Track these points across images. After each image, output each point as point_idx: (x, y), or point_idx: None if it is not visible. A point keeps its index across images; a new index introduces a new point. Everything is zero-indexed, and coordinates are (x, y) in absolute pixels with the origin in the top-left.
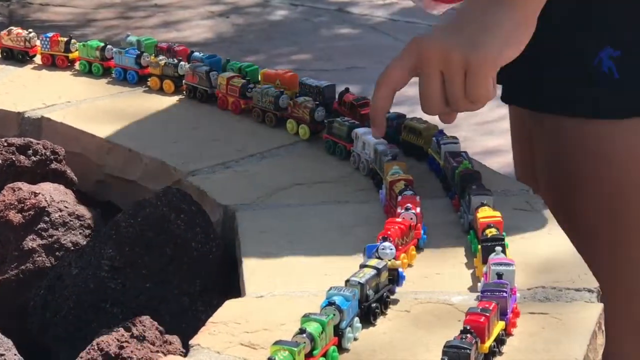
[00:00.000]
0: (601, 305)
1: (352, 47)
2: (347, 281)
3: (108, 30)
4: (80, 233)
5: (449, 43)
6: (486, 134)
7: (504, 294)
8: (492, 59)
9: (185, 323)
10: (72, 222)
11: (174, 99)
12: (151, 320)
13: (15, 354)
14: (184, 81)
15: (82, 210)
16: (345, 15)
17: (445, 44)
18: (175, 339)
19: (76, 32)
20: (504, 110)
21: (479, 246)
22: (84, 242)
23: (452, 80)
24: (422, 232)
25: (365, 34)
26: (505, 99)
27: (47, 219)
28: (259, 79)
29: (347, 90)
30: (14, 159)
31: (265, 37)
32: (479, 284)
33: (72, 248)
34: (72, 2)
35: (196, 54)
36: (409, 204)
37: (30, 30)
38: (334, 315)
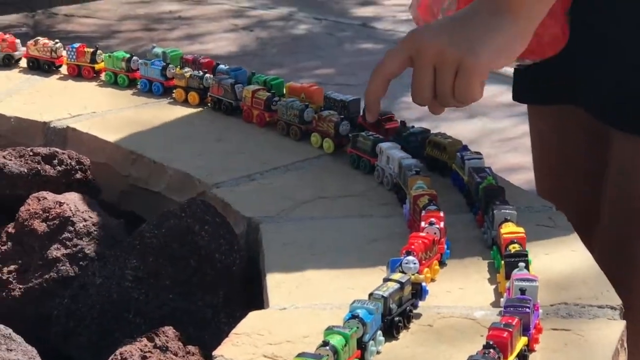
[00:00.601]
0: (623, 322)
1: (375, 62)
2: (370, 294)
3: (132, 42)
4: (104, 243)
5: (446, 41)
6: (509, 150)
7: (527, 309)
8: (484, 65)
9: (208, 334)
10: (96, 232)
11: (199, 111)
12: (174, 330)
13: None
14: (209, 93)
15: (107, 220)
16: (369, 30)
17: (443, 41)
18: (197, 350)
19: (100, 43)
20: (527, 127)
21: (502, 262)
22: (108, 252)
23: (444, 77)
24: (445, 246)
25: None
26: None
27: (71, 228)
28: (284, 92)
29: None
30: (39, 168)
31: (289, 51)
32: (502, 300)
33: (96, 258)
34: (97, 13)
35: (221, 66)
36: (432, 219)
37: (57, 40)
38: (357, 328)
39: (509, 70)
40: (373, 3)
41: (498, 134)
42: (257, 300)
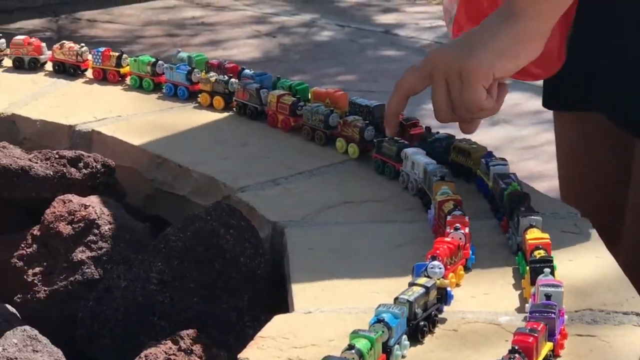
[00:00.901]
0: None
1: (398, 69)
2: (396, 299)
3: (155, 47)
4: (129, 246)
5: (451, 53)
6: (531, 158)
7: (552, 315)
8: (483, 68)
9: (232, 337)
10: (121, 235)
11: (224, 116)
12: (199, 333)
13: None
14: (234, 98)
15: (132, 223)
16: (391, 37)
17: (448, 54)
18: (222, 353)
19: (123, 49)
20: (550, 135)
21: (528, 267)
22: (133, 256)
23: (452, 87)
24: (470, 252)
25: (412, 57)
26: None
27: (96, 231)
28: (309, 97)
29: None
30: (65, 171)
31: (311, 57)
32: (527, 305)
33: (121, 261)
34: (120, 19)
35: (246, 71)
36: (457, 224)
37: (82, 44)
38: (383, 332)
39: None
40: (396, 10)
41: (520, 142)
42: (281, 304)
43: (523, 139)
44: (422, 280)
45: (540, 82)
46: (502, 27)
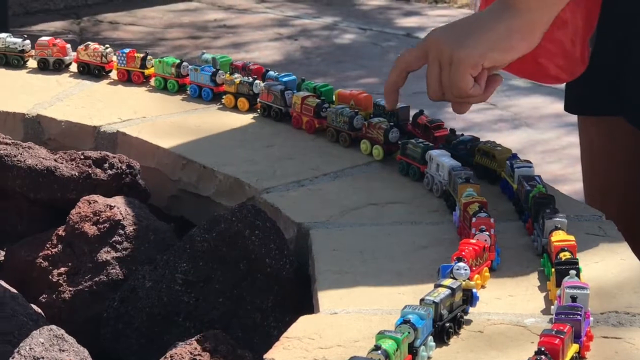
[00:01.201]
0: None
1: (419, 72)
2: (421, 300)
3: (177, 49)
4: (154, 247)
5: (445, 37)
6: (553, 161)
7: (578, 317)
8: (473, 58)
9: (257, 338)
10: (146, 236)
11: (248, 117)
12: (223, 334)
13: None
14: (258, 99)
15: (157, 224)
16: (413, 40)
17: (442, 37)
18: (247, 353)
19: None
20: (572, 138)
21: (553, 269)
22: (158, 256)
23: (443, 71)
24: (495, 254)
25: None
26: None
27: (121, 232)
28: (334, 99)
29: (421, 112)
30: (90, 171)
31: (333, 60)
32: (553, 307)
33: (146, 261)
34: (142, 21)
35: (271, 72)
36: (483, 226)
37: (107, 45)
38: (409, 333)
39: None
40: (417, 13)
41: (542, 145)
42: (306, 305)
43: (545, 142)
44: (448, 281)
45: (562, 85)
46: (500, 18)
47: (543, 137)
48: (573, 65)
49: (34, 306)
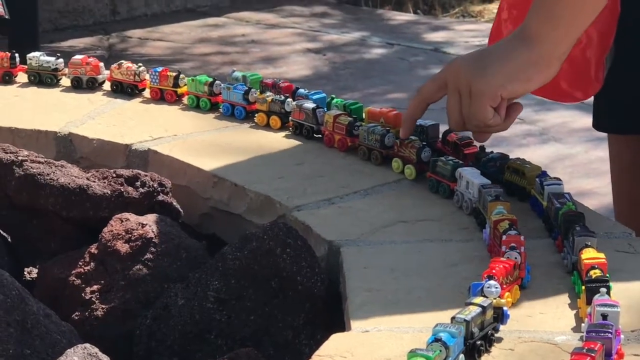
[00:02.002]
0: None
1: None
2: (453, 318)
3: (206, 65)
4: (186, 264)
5: (464, 68)
6: (581, 176)
7: (609, 334)
8: (492, 89)
9: (289, 356)
10: (178, 254)
11: (280, 135)
12: (255, 351)
13: None
14: (290, 118)
15: (188, 242)
16: (441, 55)
17: (462, 68)
18: None
19: (174, 66)
20: (600, 152)
21: (583, 287)
22: (190, 274)
23: (463, 101)
24: (526, 271)
25: None
26: None
27: (153, 249)
28: (364, 116)
29: (451, 129)
30: (122, 190)
31: (361, 75)
32: (583, 325)
33: (178, 279)
34: (170, 36)
35: (301, 90)
36: (513, 244)
37: (140, 64)
38: (440, 351)
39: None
40: (445, 28)
41: (571, 159)
42: (337, 322)
43: (573, 157)
44: (479, 299)
45: (590, 100)
46: (517, 49)
47: (571, 151)
48: (587, 84)
49: (67, 324)
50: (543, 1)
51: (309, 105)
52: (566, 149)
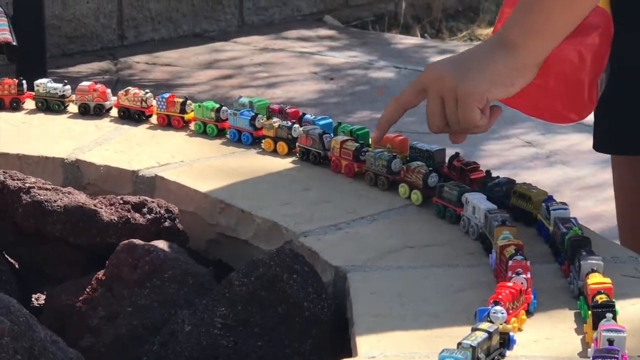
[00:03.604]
0: None
1: None
2: (459, 344)
3: (214, 89)
4: (193, 291)
5: (447, 71)
6: (589, 199)
7: (616, 359)
8: (478, 92)
9: None
10: (185, 280)
11: (287, 161)
12: None
13: None
14: (297, 143)
15: (195, 268)
16: None
17: (444, 71)
18: None
19: (182, 91)
20: (606, 175)
21: (590, 312)
22: (197, 300)
23: (447, 104)
24: (532, 296)
25: None
26: None
27: (160, 275)
28: (370, 142)
29: (457, 154)
30: (129, 216)
31: (368, 99)
32: (589, 350)
33: (185, 305)
34: (178, 61)
35: (307, 116)
36: (519, 269)
37: (147, 90)
38: None
39: (589, 119)
40: (452, 51)
41: (577, 182)
42: (344, 348)
43: (580, 180)
44: (485, 325)
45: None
46: (498, 54)
47: (578, 174)
48: (581, 106)
49: (74, 351)
50: (524, 10)
51: (316, 131)
52: (573, 172)
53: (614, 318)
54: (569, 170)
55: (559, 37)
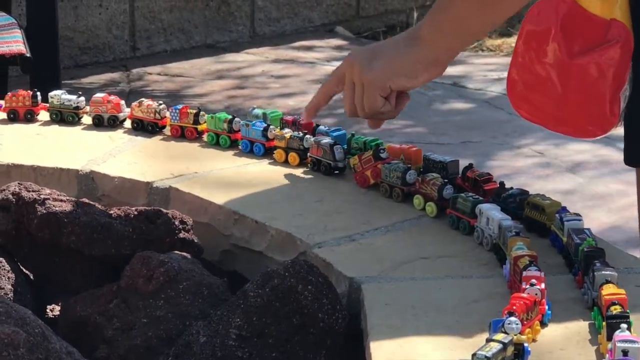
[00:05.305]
0: None
1: (466, 121)
2: (473, 355)
3: (226, 100)
4: (208, 302)
5: (358, 59)
6: (600, 209)
7: None
8: (381, 81)
9: None
10: (199, 291)
11: (299, 171)
12: None
13: None
14: (308, 154)
15: (210, 279)
16: (460, 89)
17: (356, 59)
18: None
19: (194, 102)
20: (619, 185)
21: (604, 323)
22: (212, 311)
23: (356, 90)
24: (546, 307)
25: (480, 109)
26: None
27: (175, 287)
28: None
29: (470, 165)
30: (143, 227)
31: None
32: None
33: (200, 316)
34: (190, 72)
35: (321, 127)
36: (533, 280)
37: (161, 102)
38: None
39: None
40: (463, 62)
41: (589, 192)
42: (358, 359)
43: (592, 190)
44: (499, 336)
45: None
46: (407, 48)
47: (589, 184)
48: (603, 120)
49: None
50: (438, 10)
51: (327, 141)
52: (585, 182)
53: (629, 329)
54: (581, 180)
55: (468, 40)
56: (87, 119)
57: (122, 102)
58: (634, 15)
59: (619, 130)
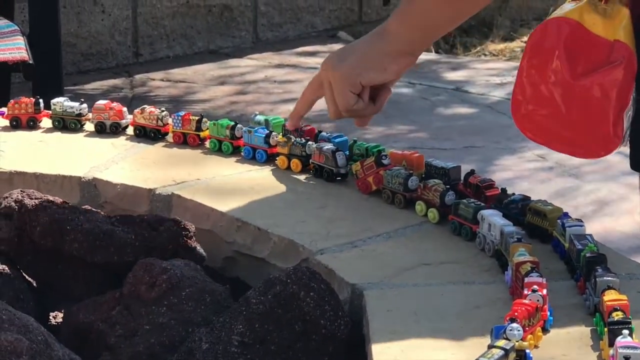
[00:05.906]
0: None
1: (469, 126)
2: None
3: (229, 105)
4: (210, 308)
5: (331, 59)
6: (601, 213)
7: None
8: (349, 77)
9: None
10: (202, 298)
11: (301, 178)
12: None
13: None
14: (310, 160)
15: (212, 286)
16: (462, 94)
17: (329, 60)
18: None
19: (196, 107)
20: (621, 190)
21: (606, 329)
22: (214, 318)
23: (327, 88)
24: (548, 313)
25: (482, 114)
26: None
27: (177, 294)
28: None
29: (472, 172)
30: (146, 234)
31: (382, 114)
32: None
33: (203, 323)
34: (193, 77)
35: (323, 133)
36: (535, 286)
37: (163, 109)
38: None
39: None
40: (466, 67)
41: (590, 197)
42: None
43: (593, 194)
44: (501, 342)
45: None
46: (375, 42)
47: (590, 188)
48: (607, 140)
49: None
50: (406, 3)
51: (329, 147)
52: (586, 186)
53: (631, 335)
54: (582, 184)
55: (435, 32)
56: (89, 126)
57: (125, 109)
58: (638, 36)
59: None
